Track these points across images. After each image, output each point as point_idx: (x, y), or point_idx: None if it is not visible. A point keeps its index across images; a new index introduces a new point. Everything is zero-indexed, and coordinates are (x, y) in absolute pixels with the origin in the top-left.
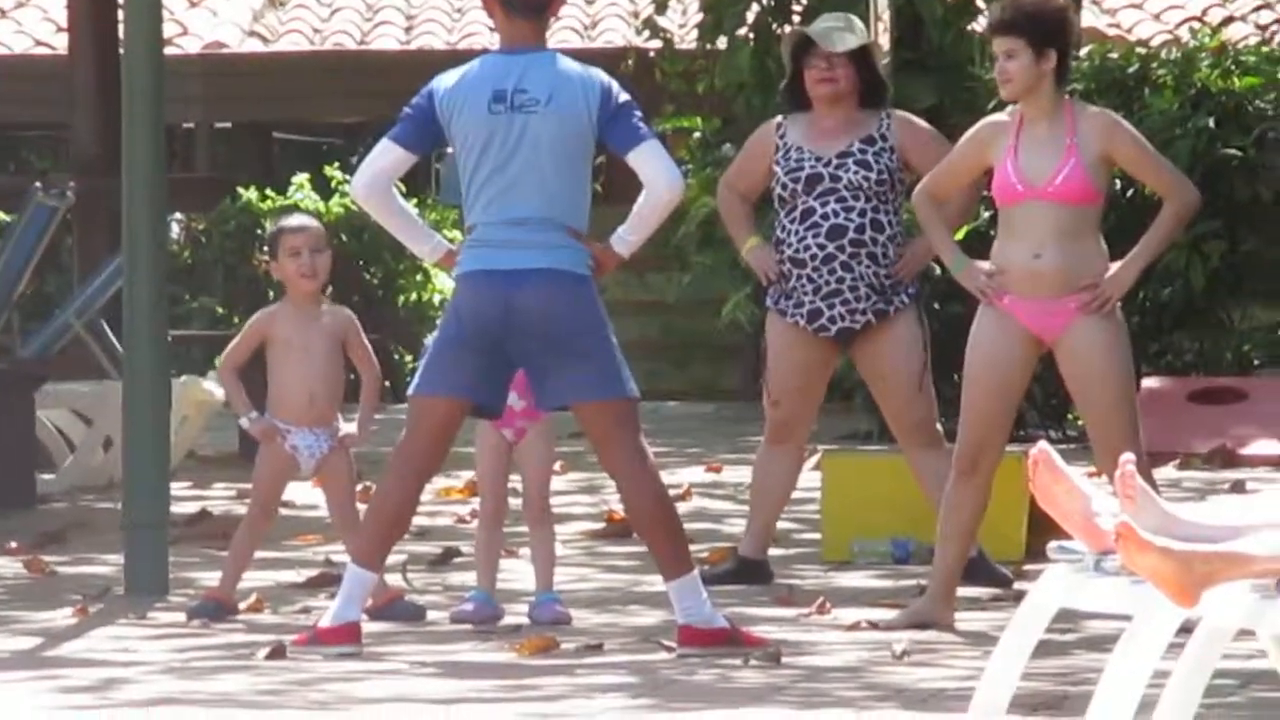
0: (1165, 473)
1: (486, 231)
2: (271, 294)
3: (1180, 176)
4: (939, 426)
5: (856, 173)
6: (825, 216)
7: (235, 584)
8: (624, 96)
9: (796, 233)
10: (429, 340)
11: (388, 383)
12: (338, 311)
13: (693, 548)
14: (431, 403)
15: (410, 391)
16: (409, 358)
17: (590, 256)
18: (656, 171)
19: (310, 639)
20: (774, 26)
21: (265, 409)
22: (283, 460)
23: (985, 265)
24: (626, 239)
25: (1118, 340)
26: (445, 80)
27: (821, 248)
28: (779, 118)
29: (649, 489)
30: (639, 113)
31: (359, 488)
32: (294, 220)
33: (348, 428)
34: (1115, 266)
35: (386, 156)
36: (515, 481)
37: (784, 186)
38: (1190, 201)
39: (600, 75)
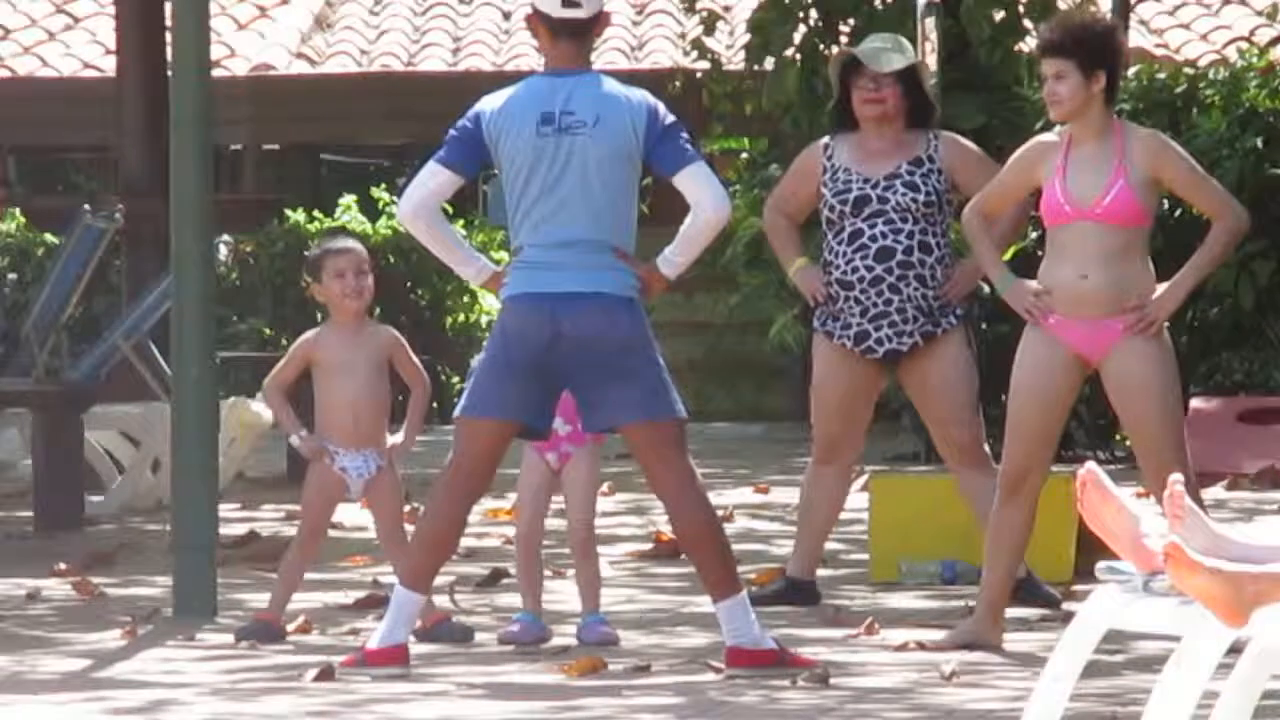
0: (1214, 493)
1: (534, 254)
2: (320, 316)
3: (1229, 198)
4: (986, 448)
5: (904, 194)
6: (873, 239)
7: (284, 606)
8: (670, 118)
9: (844, 254)
10: (475, 362)
11: (435, 404)
12: (382, 331)
13: (741, 569)
14: (478, 425)
15: (457, 413)
16: (456, 379)
17: (637, 278)
18: (703, 193)
19: (358, 660)
20: (821, 47)
21: (314, 430)
22: (331, 482)
23: (1032, 285)
24: (673, 260)
25: (1164, 361)
26: (491, 102)
27: (870, 270)
28: (826, 138)
29: (697, 510)
30: (685, 134)
31: (406, 509)
32: (337, 242)
33: (394, 438)
34: (1163, 288)
35: (433, 179)
36: (559, 503)
37: (832, 208)
38: (1239, 223)
39: (646, 97)
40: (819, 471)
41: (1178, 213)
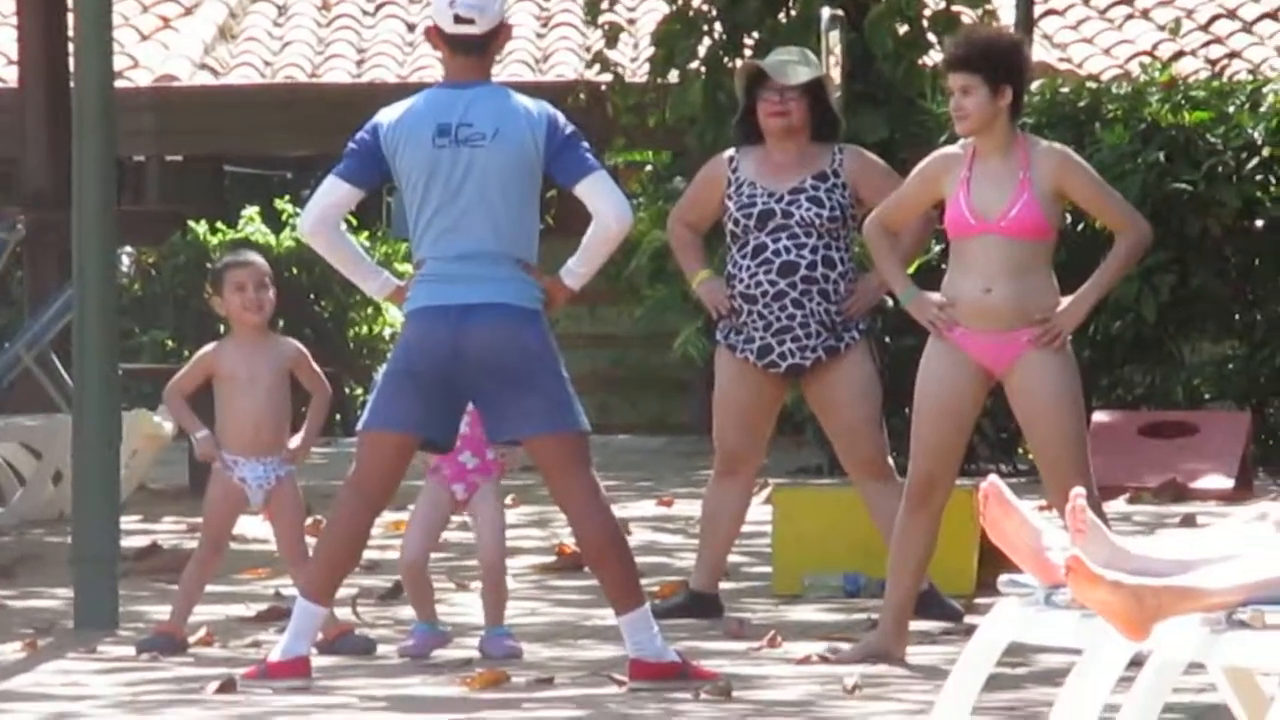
0: (1115, 506)
1: (436, 266)
2: (222, 328)
3: (1133, 212)
4: (890, 461)
5: (809, 209)
6: (777, 253)
7: (186, 618)
8: (570, 128)
9: (748, 268)
10: (379, 374)
11: (338, 416)
12: (284, 343)
13: (643, 581)
14: (380, 438)
15: (359, 426)
16: (359, 391)
17: (541, 290)
18: (605, 203)
19: (260, 673)
20: (725, 60)
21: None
22: (232, 493)
23: (936, 297)
24: (576, 271)
25: (1068, 374)
26: (389, 114)
27: (773, 284)
28: (731, 151)
29: (600, 523)
30: (586, 144)
31: (308, 521)
32: (239, 255)
33: (293, 440)
34: (1067, 301)
35: (333, 193)
36: (455, 526)
37: (736, 222)
38: (1143, 237)
39: (546, 107)
40: (720, 484)
41: (1080, 226)
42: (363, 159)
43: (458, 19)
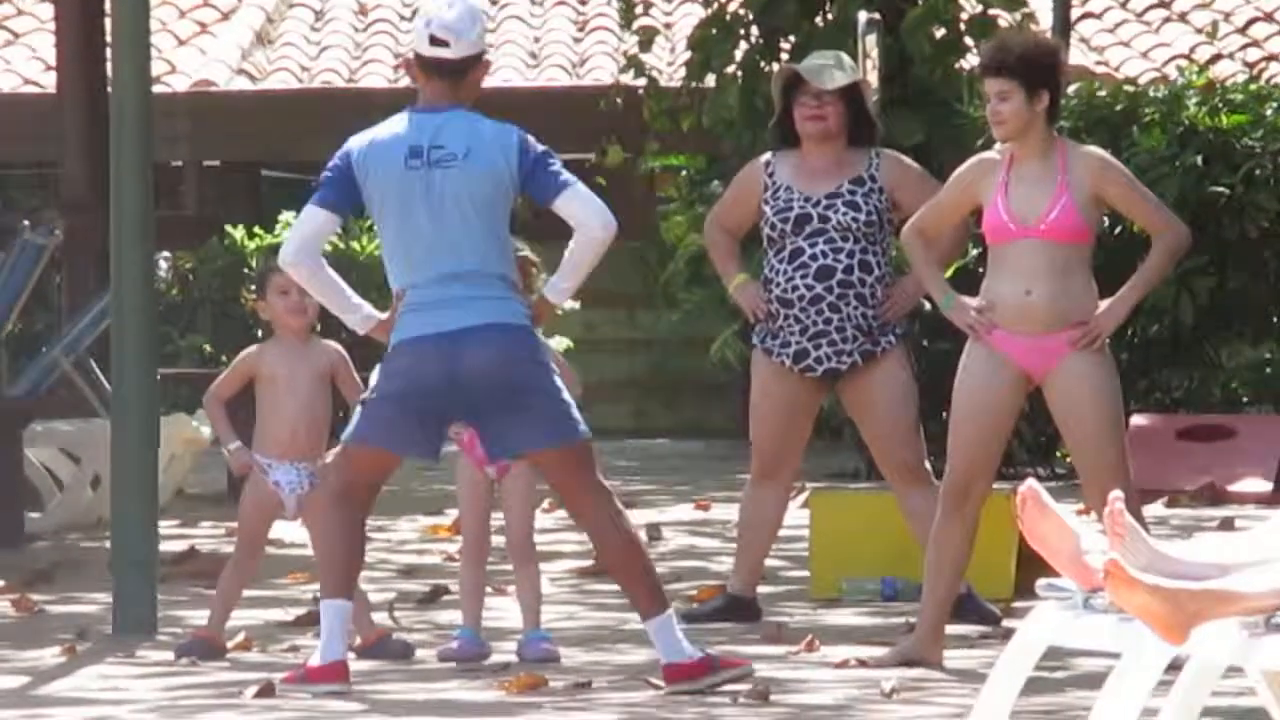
0: (1153, 510)
1: (422, 293)
2: (260, 332)
3: (1171, 215)
4: (928, 465)
5: (845, 214)
6: (814, 257)
7: (224, 622)
8: (541, 148)
9: (785, 273)
10: (365, 395)
11: None
12: (326, 347)
13: (680, 585)
14: (364, 453)
15: (345, 439)
16: None
17: (527, 307)
18: (586, 213)
19: (299, 678)
20: (762, 65)
21: (252, 445)
22: (266, 497)
23: (974, 301)
24: (560, 287)
25: (1107, 377)
26: (360, 139)
27: (810, 288)
28: (767, 155)
29: (616, 532)
30: (555, 160)
31: None
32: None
33: (330, 455)
34: (1106, 304)
35: (312, 222)
36: (499, 519)
37: (773, 226)
38: (1181, 240)
39: (515, 129)
40: (758, 489)
41: (1118, 230)
42: (338, 186)
43: (433, 40)
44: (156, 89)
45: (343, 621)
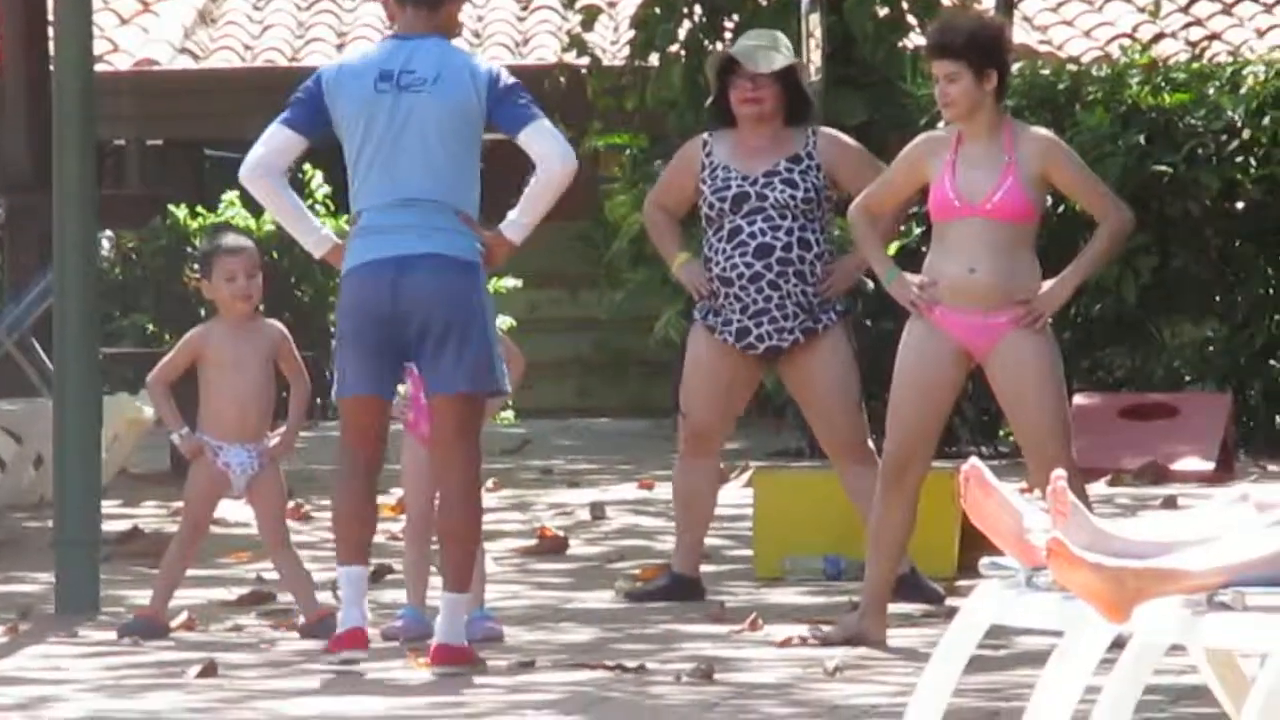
0: (1096, 489)
1: (372, 217)
2: (203, 311)
3: (1116, 199)
4: (870, 444)
5: (783, 191)
6: (752, 235)
7: (167, 602)
8: (511, 79)
9: (724, 251)
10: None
11: (319, 400)
12: (270, 326)
13: (624, 564)
14: (351, 402)
15: (333, 394)
16: None
17: (480, 242)
18: (548, 149)
19: (328, 646)
20: (705, 43)
21: (196, 426)
22: (214, 478)
23: (917, 277)
24: (519, 223)
25: (1050, 356)
26: (334, 63)
27: (749, 266)
28: (705, 135)
29: (468, 503)
30: (527, 94)
31: (290, 505)
32: (229, 241)
33: (274, 437)
34: (1048, 284)
35: (276, 139)
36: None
37: (711, 206)
38: (1125, 224)
39: (489, 62)
40: (690, 464)
41: (1061, 209)
42: (306, 106)
43: None
44: (99, 68)
45: (359, 590)
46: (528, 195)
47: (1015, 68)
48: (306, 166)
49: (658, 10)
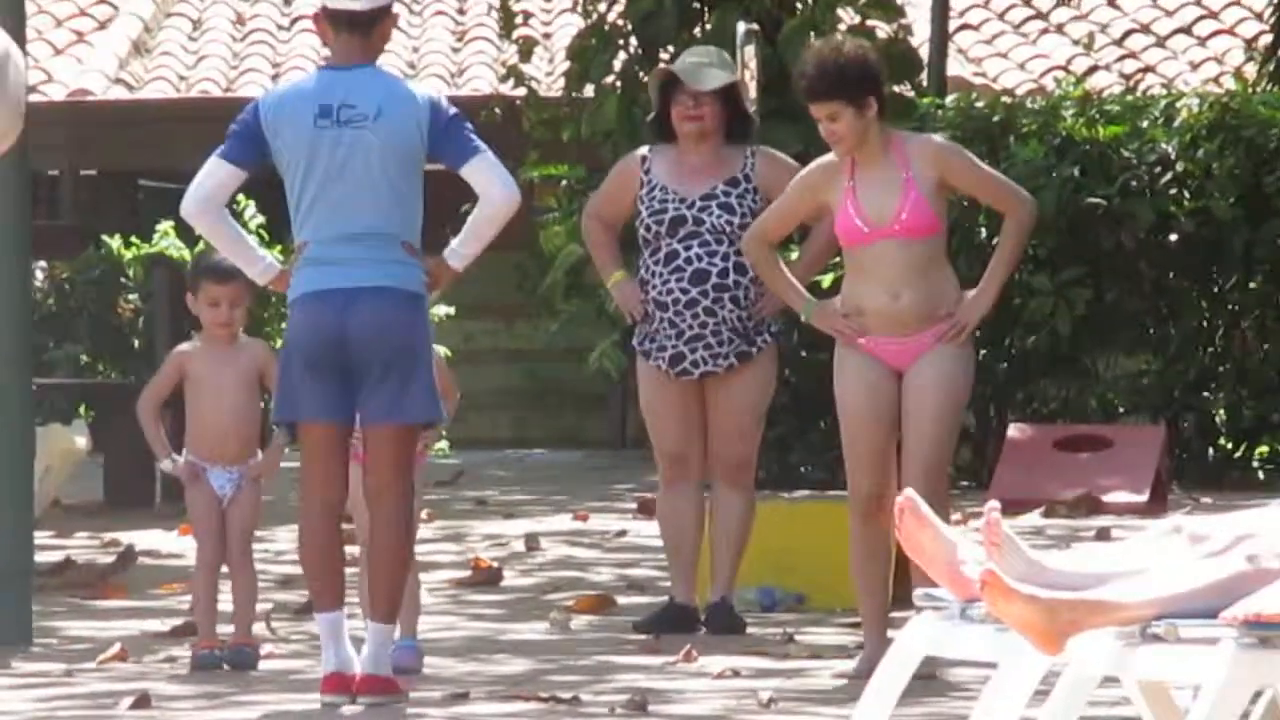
0: (1030, 520)
1: (320, 250)
2: (136, 342)
3: (1016, 189)
4: (753, 472)
5: (719, 216)
6: (689, 260)
7: (214, 625)
8: (453, 110)
9: (660, 275)
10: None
11: None
12: (254, 347)
13: (559, 595)
14: (303, 431)
15: (273, 418)
16: None
17: (424, 272)
18: (490, 183)
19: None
20: (640, 75)
21: (184, 446)
22: (211, 493)
23: (836, 304)
24: (460, 253)
25: (960, 370)
26: (271, 95)
27: (685, 292)
28: (644, 149)
29: (399, 529)
30: (469, 125)
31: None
32: (218, 266)
33: (256, 459)
34: (970, 294)
35: (216, 174)
36: None
37: (648, 229)
38: (1030, 213)
39: (429, 90)
40: (670, 492)
41: (995, 239)
42: (244, 140)
43: None
44: (33, 98)
45: (333, 632)
46: (470, 226)
47: (950, 100)
48: (240, 197)
49: (594, 42)
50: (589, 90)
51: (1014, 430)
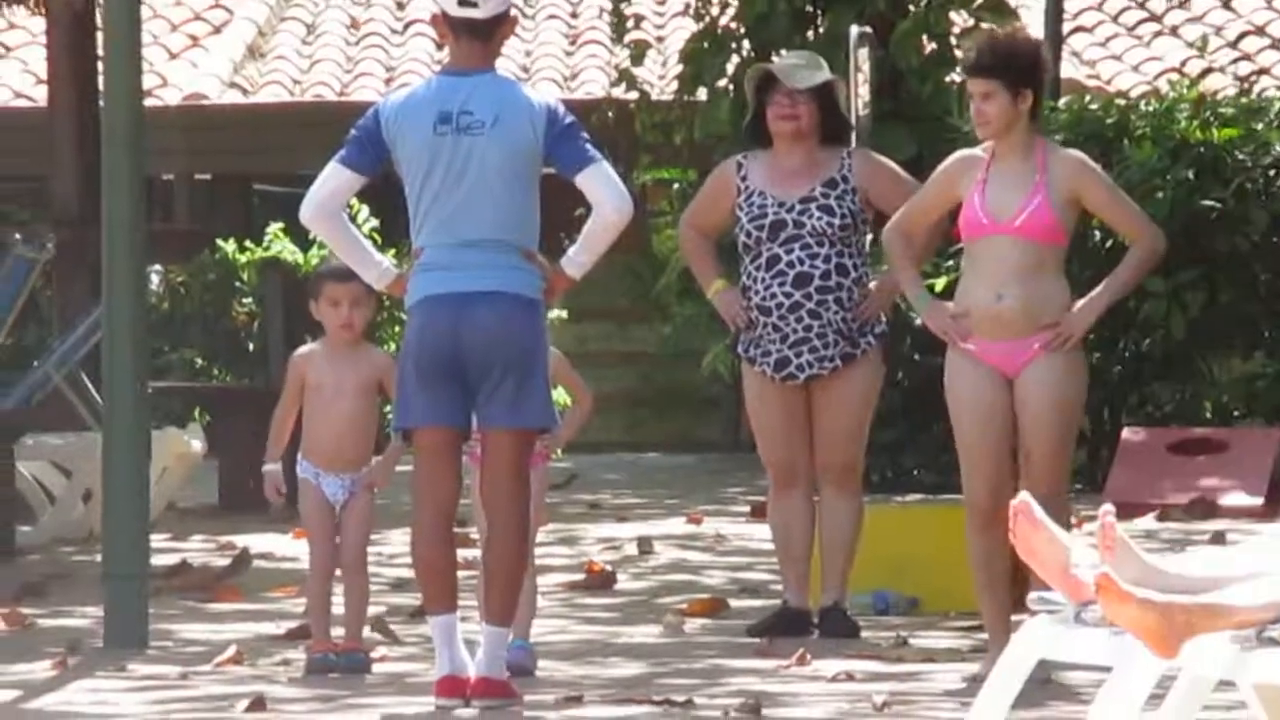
0: (1144, 523)
1: (436, 254)
2: (250, 346)
3: (1148, 221)
4: (860, 474)
5: (820, 219)
6: (791, 264)
7: (328, 629)
8: (570, 118)
9: (763, 280)
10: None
11: None
12: (374, 355)
13: (671, 599)
14: (419, 436)
15: (394, 426)
16: None
17: (542, 278)
18: (605, 193)
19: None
20: None
21: (300, 452)
22: (323, 499)
23: (950, 306)
24: (577, 260)
25: (1073, 374)
26: (392, 100)
27: (788, 296)
28: (739, 156)
29: (516, 538)
30: (586, 135)
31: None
32: (338, 268)
33: (370, 470)
34: (1078, 304)
35: (335, 179)
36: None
37: (748, 234)
38: (1157, 246)
39: (546, 97)
40: (780, 498)
41: (1109, 243)
42: (364, 145)
43: (462, 2)
44: (148, 103)
45: (446, 634)
46: (584, 236)
47: (1063, 102)
48: (353, 201)
49: (706, 45)
50: (701, 94)
51: (1128, 433)
